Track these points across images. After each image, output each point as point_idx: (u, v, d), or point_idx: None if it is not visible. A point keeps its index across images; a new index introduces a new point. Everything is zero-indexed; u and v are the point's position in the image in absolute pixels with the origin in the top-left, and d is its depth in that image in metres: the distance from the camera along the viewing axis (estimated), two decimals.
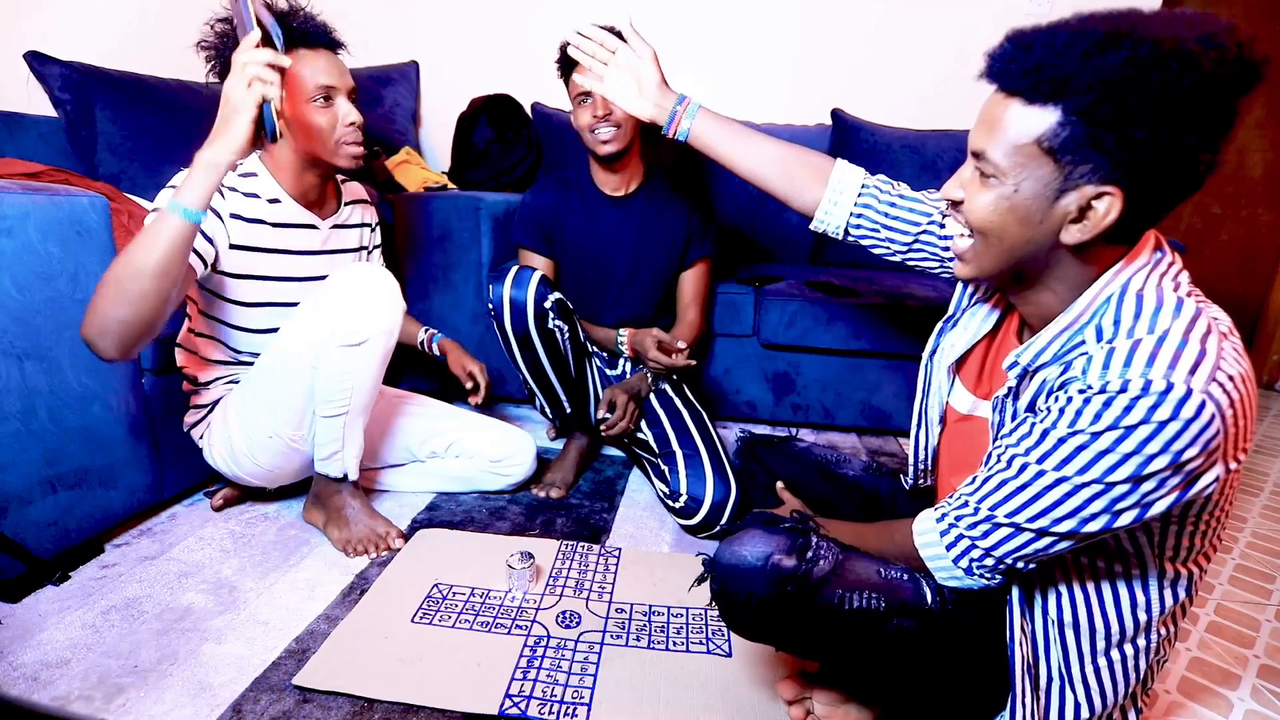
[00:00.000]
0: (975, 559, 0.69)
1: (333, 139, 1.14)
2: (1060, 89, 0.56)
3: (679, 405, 1.52)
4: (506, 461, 1.44)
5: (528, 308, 1.32)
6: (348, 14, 2.39)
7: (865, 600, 0.72)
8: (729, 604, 0.75)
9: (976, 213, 0.64)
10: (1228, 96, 0.54)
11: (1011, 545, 0.66)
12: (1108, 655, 0.72)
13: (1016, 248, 0.64)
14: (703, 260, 1.61)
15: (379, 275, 1.14)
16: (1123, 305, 0.61)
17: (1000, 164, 0.61)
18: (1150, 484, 0.58)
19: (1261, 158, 2.63)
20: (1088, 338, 0.62)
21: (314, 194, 1.22)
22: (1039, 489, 0.63)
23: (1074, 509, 0.61)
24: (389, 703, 0.89)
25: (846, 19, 2.34)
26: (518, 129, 2.17)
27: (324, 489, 1.27)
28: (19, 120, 1.57)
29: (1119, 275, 0.63)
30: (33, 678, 0.90)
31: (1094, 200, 0.58)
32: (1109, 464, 0.58)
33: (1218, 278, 2.75)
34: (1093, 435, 0.58)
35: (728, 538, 0.76)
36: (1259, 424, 2.22)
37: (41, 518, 1.07)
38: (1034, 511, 0.63)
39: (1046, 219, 0.61)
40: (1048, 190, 0.59)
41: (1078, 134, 0.56)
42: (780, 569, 0.71)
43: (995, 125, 0.61)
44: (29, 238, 1.01)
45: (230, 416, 1.21)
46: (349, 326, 1.09)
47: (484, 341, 1.93)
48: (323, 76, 1.12)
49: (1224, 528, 0.71)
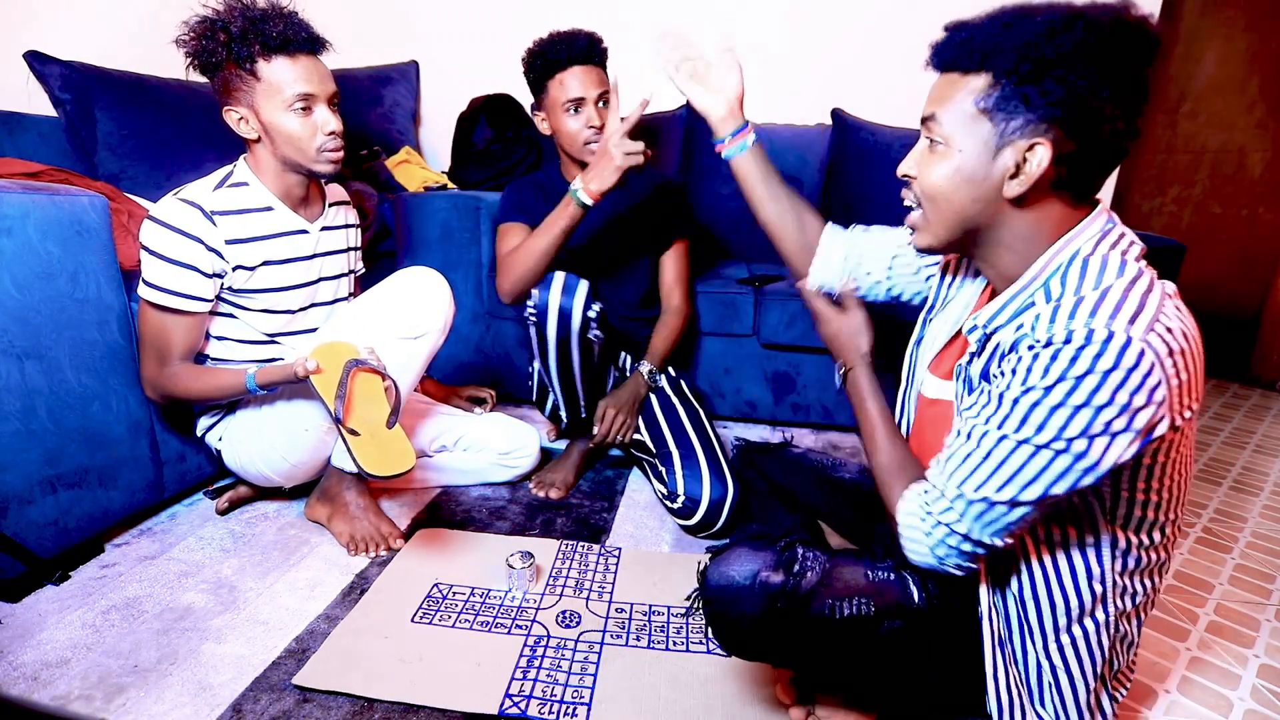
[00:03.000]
0: (953, 546, 0.69)
1: (312, 147, 1.13)
2: (988, 56, 0.64)
3: (676, 405, 1.52)
4: (514, 454, 1.48)
5: (574, 317, 1.30)
6: (348, 14, 2.41)
7: (855, 607, 0.73)
8: (721, 625, 0.76)
9: (928, 179, 0.71)
10: (1131, 60, 0.62)
11: (985, 521, 0.66)
12: (1069, 631, 0.73)
13: (965, 208, 0.69)
14: (680, 240, 1.60)
15: (436, 277, 1.26)
16: (1069, 269, 0.66)
17: (946, 129, 0.68)
18: (1104, 438, 0.60)
19: (1261, 158, 2.63)
20: (1037, 299, 0.67)
21: (299, 193, 1.21)
22: (1001, 456, 0.64)
23: (1037, 472, 0.62)
24: (389, 703, 0.89)
25: (846, 19, 2.35)
26: (517, 129, 2.17)
27: (335, 484, 1.27)
28: (19, 120, 1.57)
29: (1070, 243, 0.68)
30: (33, 677, 0.90)
31: (1027, 153, 0.64)
32: (1062, 419, 0.60)
33: (1218, 278, 2.75)
34: (1045, 390, 0.60)
35: (715, 558, 0.76)
36: (1259, 423, 2.22)
37: (41, 517, 1.07)
38: (1000, 480, 0.64)
39: (988, 176, 0.67)
40: (987, 149, 0.66)
41: (1006, 91, 0.64)
42: (769, 585, 0.72)
43: (940, 95, 0.69)
44: (29, 237, 1.01)
45: (265, 410, 1.22)
46: (411, 320, 1.19)
47: (483, 341, 1.93)
48: (302, 85, 1.09)
49: (1180, 503, 0.72)
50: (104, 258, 1.13)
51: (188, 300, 1.10)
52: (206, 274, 1.10)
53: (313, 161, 1.15)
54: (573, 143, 1.42)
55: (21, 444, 1.03)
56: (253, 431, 1.23)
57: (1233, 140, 2.67)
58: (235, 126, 1.12)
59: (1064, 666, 0.74)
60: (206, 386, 1.14)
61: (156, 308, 1.09)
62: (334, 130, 1.14)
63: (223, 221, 1.12)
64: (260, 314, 1.22)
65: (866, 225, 1.03)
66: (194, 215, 1.09)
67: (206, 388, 1.14)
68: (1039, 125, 0.63)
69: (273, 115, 1.10)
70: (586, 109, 1.40)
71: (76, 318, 1.09)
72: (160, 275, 1.07)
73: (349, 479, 1.27)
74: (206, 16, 1.07)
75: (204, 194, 1.11)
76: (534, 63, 1.42)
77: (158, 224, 1.07)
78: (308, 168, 1.16)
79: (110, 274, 1.14)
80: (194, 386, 1.14)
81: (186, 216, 1.08)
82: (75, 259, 1.08)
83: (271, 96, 1.09)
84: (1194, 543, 1.42)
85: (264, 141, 1.14)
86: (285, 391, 1.19)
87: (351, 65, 2.22)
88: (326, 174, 1.17)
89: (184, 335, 1.12)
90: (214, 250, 1.11)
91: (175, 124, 1.69)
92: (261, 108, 1.10)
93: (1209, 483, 1.73)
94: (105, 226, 1.13)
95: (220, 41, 1.06)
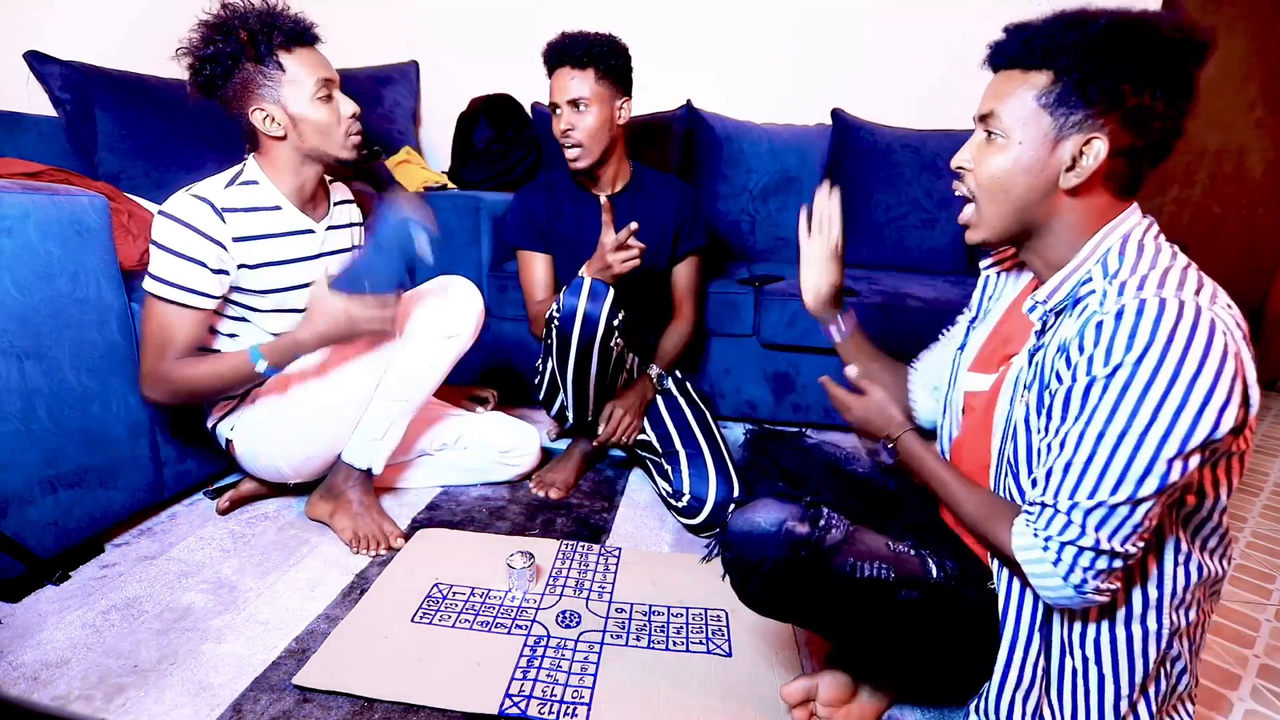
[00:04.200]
0: (1086, 566, 0.65)
1: (340, 132, 1.16)
2: (1051, 54, 0.68)
3: (682, 404, 1.52)
4: (515, 452, 1.49)
5: (600, 324, 1.30)
6: (348, 14, 2.40)
7: (875, 569, 0.74)
8: (742, 568, 0.77)
9: (986, 171, 0.73)
10: (1184, 62, 0.66)
11: (1111, 528, 0.63)
12: (1112, 631, 0.71)
13: (1021, 198, 0.72)
14: (694, 253, 1.61)
15: (471, 286, 1.33)
16: (1125, 249, 0.69)
17: (1006, 122, 0.71)
18: (1201, 409, 0.59)
19: (1261, 158, 2.63)
20: (1095, 275, 0.70)
21: (310, 190, 1.22)
22: (1106, 454, 0.62)
23: (1148, 461, 0.61)
24: (389, 703, 0.89)
25: (846, 19, 2.34)
26: (517, 129, 2.17)
27: (340, 480, 1.28)
28: (19, 120, 1.57)
29: (1118, 228, 0.71)
30: (33, 677, 0.90)
31: (1084, 146, 0.68)
32: (1156, 397, 0.60)
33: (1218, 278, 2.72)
34: (1132, 367, 0.60)
35: (739, 509, 0.78)
36: (1259, 423, 2.22)
37: (41, 517, 1.07)
38: (1112, 480, 0.62)
39: (1046, 168, 0.70)
40: (1046, 141, 0.69)
41: (1067, 88, 0.67)
42: (794, 534, 0.74)
43: (1000, 92, 0.72)
44: (29, 237, 1.01)
45: (289, 392, 1.23)
46: (449, 320, 1.25)
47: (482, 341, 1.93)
48: (323, 70, 1.13)
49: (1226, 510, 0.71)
50: (104, 258, 1.13)
51: (193, 295, 1.09)
52: (213, 270, 1.10)
53: (339, 148, 1.17)
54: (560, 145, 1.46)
55: (21, 444, 1.03)
56: (273, 419, 1.23)
57: (1233, 140, 2.67)
58: (261, 126, 1.12)
59: (1098, 665, 0.72)
60: (209, 373, 1.12)
61: (162, 301, 1.09)
62: (355, 113, 1.18)
63: (232, 218, 1.12)
64: (271, 314, 1.22)
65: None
66: (204, 211, 1.09)
67: (209, 374, 1.12)
68: (1096, 121, 0.67)
69: (300, 107, 1.12)
70: (561, 112, 1.41)
71: (76, 318, 1.09)
72: (167, 269, 1.08)
73: (355, 476, 1.28)
74: (214, 22, 1.07)
75: (215, 191, 1.12)
76: (544, 64, 1.44)
77: (168, 218, 1.08)
78: (334, 155, 1.18)
79: (110, 274, 1.14)
80: (195, 374, 1.11)
81: (197, 212, 1.09)
82: (75, 259, 1.08)
83: (298, 87, 1.11)
84: None
85: (289, 137, 1.14)
86: (307, 375, 1.21)
87: (351, 65, 2.22)
88: (350, 159, 1.19)
89: (187, 331, 1.11)
90: (221, 245, 1.11)
91: (175, 124, 1.69)
92: (289, 101, 1.11)
93: None
94: (105, 226, 1.13)
95: (241, 40, 1.06)
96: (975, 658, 0.78)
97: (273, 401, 1.24)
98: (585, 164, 1.44)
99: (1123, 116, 0.66)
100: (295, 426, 1.23)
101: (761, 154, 2.22)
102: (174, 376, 1.11)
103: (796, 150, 2.23)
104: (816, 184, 2.23)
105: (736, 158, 2.22)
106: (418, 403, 1.29)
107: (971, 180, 0.75)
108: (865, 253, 2.13)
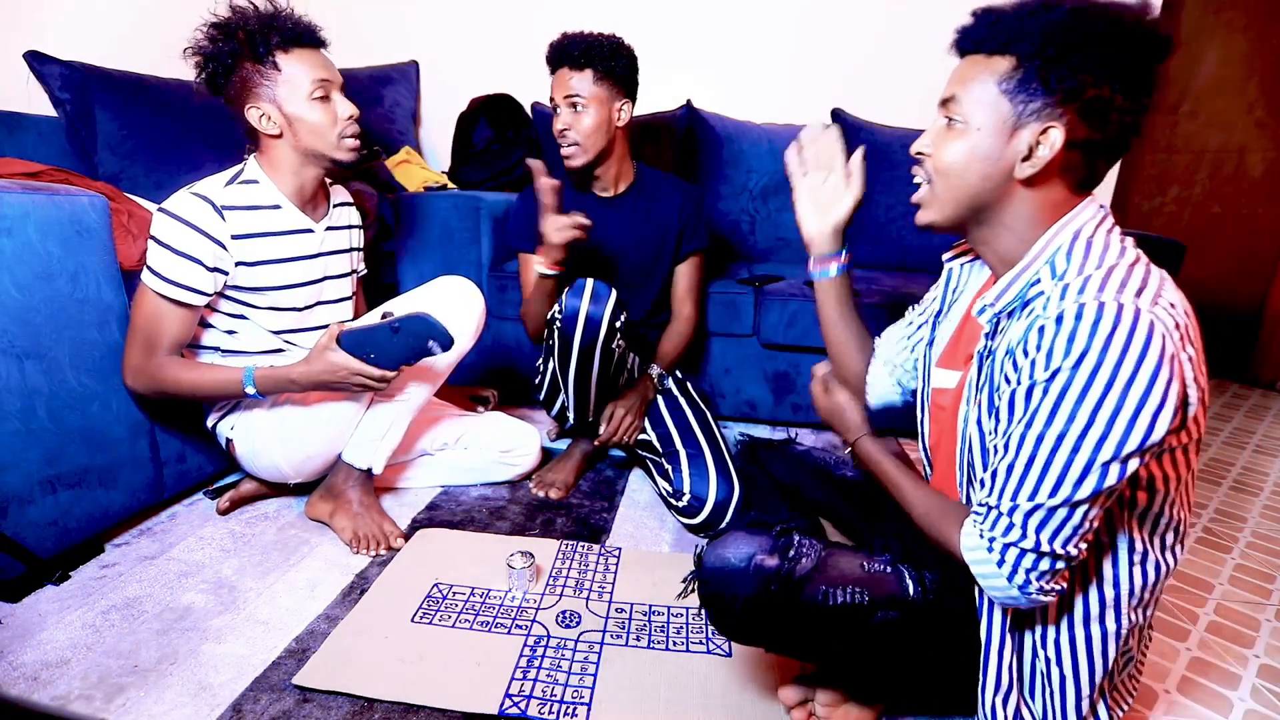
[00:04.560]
0: (1029, 568, 0.65)
1: (334, 134, 1.16)
2: (1014, 39, 0.68)
3: (683, 404, 1.52)
4: (515, 452, 1.49)
5: (602, 326, 1.30)
6: (348, 14, 2.40)
7: (849, 595, 0.73)
8: (716, 606, 0.76)
9: (943, 156, 0.73)
10: (1144, 56, 0.66)
11: (1051, 530, 0.64)
12: (1072, 632, 0.73)
13: (975, 185, 0.72)
14: (696, 253, 1.61)
15: (473, 288, 1.33)
16: (1074, 248, 0.69)
17: (966, 107, 0.71)
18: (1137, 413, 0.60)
19: (1262, 157, 2.63)
20: (1043, 275, 0.70)
21: (310, 192, 1.23)
22: (1044, 457, 0.63)
23: (1085, 465, 0.61)
24: (389, 702, 0.89)
25: (846, 19, 2.35)
26: (518, 129, 2.17)
27: (341, 480, 1.28)
28: (19, 120, 1.57)
29: (1070, 223, 0.70)
30: (33, 677, 0.90)
31: (1041, 135, 0.67)
32: (1093, 402, 0.60)
33: (1218, 278, 2.75)
34: (1070, 371, 0.61)
35: (712, 542, 0.77)
36: (1259, 423, 2.22)
37: (41, 517, 1.07)
38: (1051, 483, 0.63)
39: (1002, 157, 0.70)
40: (1004, 129, 0.69)
41: (1029, 74, 0.67)
42: (763, 569, 0.73)
43: (964, 76, 0.72)
44: (29, 237, 1.01)
45: (291, 396, 1.23)
46: (449, 320, 1.21)
47: (483, 341, 1.93)
48: (320, 71, 1.14)
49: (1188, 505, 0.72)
50: (104, 258, 1.13)
51: (186, 292, 1.10)
52: (208, 267, 1.11)
53: (334, 149, 1.18)
54: None
55: (21, 444, 1.03)
56: (274, 419, 1.23)
57: (1233, 140, 2.67)
58: (258, 124, 1.14)
59: (1059, 666, 0.74)
60: (200, 381, 1.13)
61: (156, 295, 1.10)
62: (352, 114, 1.18)
63: (231, 216, 1.13)
64: (268, 312, 1.22)
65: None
66: (204, 209, 1.10)
67: (199, 382, 1.13)
68: (1055, 110, 0.66)
69: (295, 107, 1.13)
70: (560, 111, 1.42)
71: (76, 318, 1.09)
72: (164, 264, 1.08)
73: (355, 476, 1.28)
74: (218, 22, 1.10)
75: (215, 189, 1.13)
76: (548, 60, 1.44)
77: (167, 215, 1.09)
78: (330, 156, 1.18)
79: (110, 274, 1.14)
80: (185, 378, 1.13)
81: (196, 209, 1.10)
82: (75, 259, 1.08)
83: (293, 88, 1.12)
84: (1194, 543, 1.42)
85: (285, 136, 1.15)
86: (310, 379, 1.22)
87: (351, 65, 2.22)
88: (347, 161, 1.20)
89: (176, 326, 1.12)
90: (219, 243, 1.11)
91: (175, 124, 1.69)
92: (284, 100, 1.13)
93: (1209, 483, 1.73)
94: (105, 226, 1.13)
95: (240, 40, 1.09)
96: (966, 666, 0.78)
97: (272, 402, 1.24)
98: (580, 163, 1.45)
99: (1081, 108, 0.66)
100: (296, 426, 1.23)
101: (761, 154, 2.22)
102: (163, 375, 1.12)
103: None
104: None
105: (736, 158, 2.22)
106: (418, 403, 1.29)
107: (930, 165, 0.76)
108: (865, 253, 2.13)
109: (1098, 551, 0.71)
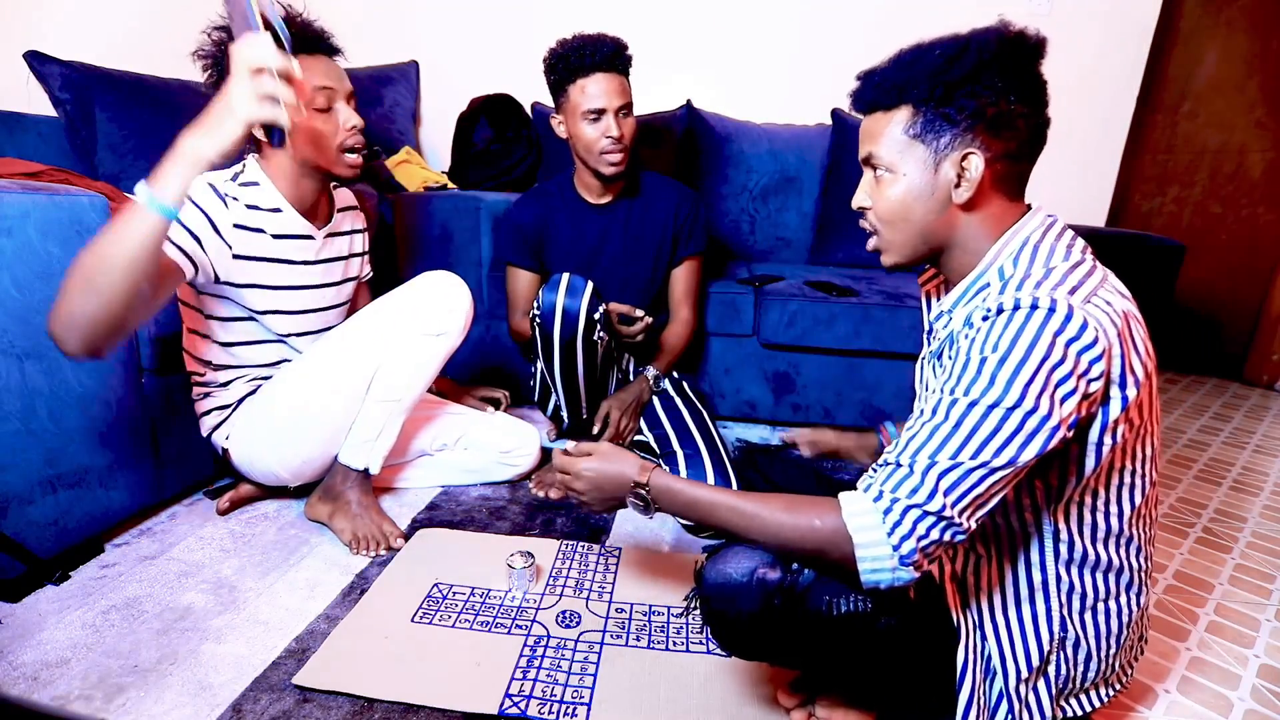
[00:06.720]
0: (921, 535, 0.65)
1: (334, 145, 1.14)
2: (903, 91, 0.72)
3: (680, 405, 1.52)
4: (515, 452, 1.49)
5: (580, 318, 1.31)
6: (348, 14, 2.40)
7: (852, 603, 0.73)
8: (720, 623, 0.76)
9: (883, 204, 0.77)
10: (1026, 62, 0.70)
11: (958, 493, 0.64)
12: (1005, 613, 0.77)
13: (921, 220, 0.76)
14: (692, 257, 1.60)
15: (458, 281, 1.28)
16: (1021, 254, 0.73)
17: (886, 159, 0.75)
18: (1057, 394, 0.64)
19: (1261, 158, 2.63)
20: (992, 280, 0.74)
21: (311, 200, 1.22)
22: (972, 423, 0.65)
23: (1008, 435, 0.64)
24: (389, 702, 0.89)
25: (846, 19, 2.35)
26: (518, 129, 2.17)
27: (339, 481, 1.28)
28: (19, 120, 1.57)
29: (1019, 232, 0.74)
30: (33, 677, 0.90)
31: (962, 162, 0.71)
32: (1022, 379, 0.63)
33: (1218, 278, 2.75)
34: (1001, 354, 0.64)
35: (712, 557, 0.76)
36: (1259, 423, 2.22)
37: (41, 517, 1.07)
38: (974, 446, 0.64)
39: (936, 189, 0.74)
40: (927, 167, 0.73)
41: (928, 117, 0.71)
42: (766, 582, 0.72)
43: (872, 132, 0.76)
44: (29, 237, 1.01)
45: (279, 398, 1.22)
46: (434, 318, 1.22)
47: (483, 341, 1.93)
48: (319, 79, 1.11)
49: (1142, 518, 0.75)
50: None
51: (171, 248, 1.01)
52: (194, 234, 1.05)
53: (333, 163, 1.15)
54: (589, 151, 1.41)
55: (21, 444, 1.03)
56: (265, 426, 1.23)
57: (1233, 140, 2.67)
58: (256, 130, 1.10)
59: (997, 644, 0.77)
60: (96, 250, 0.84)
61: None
62: (355, 126, 1.14)
63: (234, 206, 1.12)
64: (270, 315, 1.22)
65: None
66: (208, 193, 1.09)
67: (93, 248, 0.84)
68: (965, 136, 0.71)
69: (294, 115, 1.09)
70: (606, 118, 1.38)
71: None
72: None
73: (353, 477, 1.28)
74: (225, 26, 1.08)
75: (221, 180, 1.13)
76: (556, 65, 1.39)
77: None
78: (327, 168, 1.16)
79: None
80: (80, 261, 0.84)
81: (201, 190, 1.08)
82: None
83: None
84: (1194, 543, 1.42)
85: (285, 145, 1.12)
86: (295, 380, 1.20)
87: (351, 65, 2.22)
88: (345, 177, 1.18)
89: None
90: (219, 231, 1.09)
91: (175, 124, 1.66)
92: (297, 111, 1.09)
93: (1209, 483, 1.73)
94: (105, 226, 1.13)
95: None
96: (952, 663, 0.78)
97: (263, 408, 1.23)
98: (624, 170, 1.43)
99: (987, 126, 0.70)
100: (287, 432, 1.23)
101: (761, 154, 2.22)
102: (66, 286, 0.83)
103: (796, 150, 2.23)
104: (817, 184, 2.25)
105: (736, 158, 2.22)
106: (409, 403, 1.28)
107: (873, 216, 0.79)
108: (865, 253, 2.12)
109: (1022, 538, 0.75)
